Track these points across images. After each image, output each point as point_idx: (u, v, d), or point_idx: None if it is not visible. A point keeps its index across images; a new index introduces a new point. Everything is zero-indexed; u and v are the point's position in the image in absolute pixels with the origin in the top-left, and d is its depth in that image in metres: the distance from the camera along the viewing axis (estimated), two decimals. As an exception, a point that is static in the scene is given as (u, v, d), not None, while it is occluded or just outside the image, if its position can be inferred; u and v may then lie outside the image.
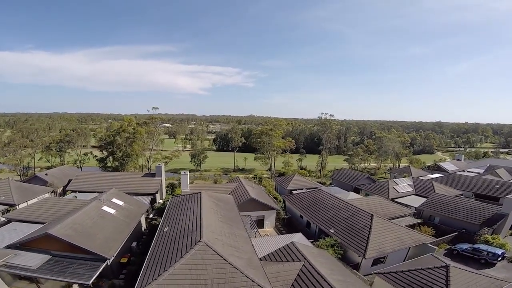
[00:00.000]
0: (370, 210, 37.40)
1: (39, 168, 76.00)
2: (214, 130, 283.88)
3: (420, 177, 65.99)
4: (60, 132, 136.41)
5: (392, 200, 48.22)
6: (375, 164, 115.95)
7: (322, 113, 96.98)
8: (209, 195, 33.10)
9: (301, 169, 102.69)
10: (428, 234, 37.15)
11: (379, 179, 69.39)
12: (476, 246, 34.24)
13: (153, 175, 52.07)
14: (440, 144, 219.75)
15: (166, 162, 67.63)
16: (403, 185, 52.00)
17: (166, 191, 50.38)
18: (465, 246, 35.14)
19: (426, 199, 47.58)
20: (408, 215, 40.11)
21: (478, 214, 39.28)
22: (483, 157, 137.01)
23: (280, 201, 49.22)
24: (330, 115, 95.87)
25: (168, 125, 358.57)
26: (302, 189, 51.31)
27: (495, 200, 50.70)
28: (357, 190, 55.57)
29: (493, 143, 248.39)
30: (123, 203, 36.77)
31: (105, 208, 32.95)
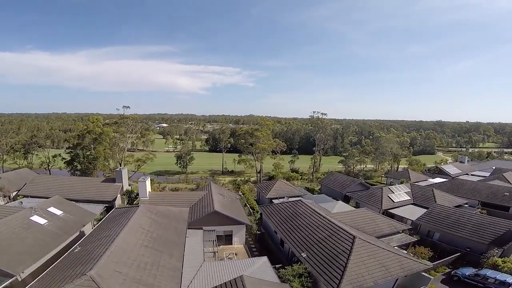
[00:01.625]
0: (356, 227, 31.31)
1: (6, 170, 70.17)
2: (211, 130, 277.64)
3: (420, 182, 59.60)
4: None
5: (386, 211, 41.93)
6: (372, 166, 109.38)
7: (313, 112, 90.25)
8: (148, 209, 27.13)
9: (293, 171, 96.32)
10: (424, 256, 31.00)
11: (374, 184, 62.82)
12: (482, 272, 27.94)
13: (113, 180, 46.15)
14: (441, 144, 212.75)
15: (139, 165, 61.52)
16: (399, 193, 45.55)
17: (124, 199, 44.23)
18: (468, 271, 28.87)
19: (424, 210, 41.35)
20: (402, 232, 33.75)
21: (486, 231, 32.93)
22: (486, 158, 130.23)
23: (257, 212, 43.08)
24: (322, 113, 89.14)
25: (164, 124, 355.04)
26: (283, 198, 45.05)
27: (504, 209, 44.52)
28: (347, 198, 49.16)
29: (496, 143, 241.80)
30: (62, 212, 32.77)
31: (35, 218, 29.09)
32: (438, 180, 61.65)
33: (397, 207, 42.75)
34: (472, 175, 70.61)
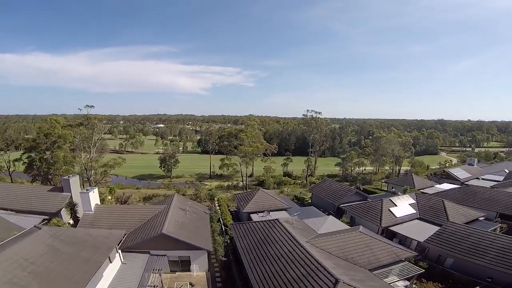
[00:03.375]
0: (345, 257, 23.82)
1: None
2: (203, 131, 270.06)
3: (425, 189, 52.13)
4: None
5: (386, 229, 34.42)
6: (372, 168, 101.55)
7: (307, 111, 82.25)
8: (54, 233, 20.66)
9: (285, 175, 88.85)
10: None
11: (373, 192, 54.80)
12: None
13: (61, 189, 39.07)
14: (443, 143, 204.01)
15: (106, 171, 54.22)
16: (403, 205, 37.91)
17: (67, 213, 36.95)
18: None
19: (433, 226, 33.92)
20: (404, 261, 26.18)
21: (515, 258, 25.37)
22: (494, 158, 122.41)
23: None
24: (316, 112, 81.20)
25: (161, 125, 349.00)
26: (264, 212, 37.53)
27: (529, 225, 36.86)
28: (341, 211, 41.47)
29: (500, 142, 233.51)
30: (-30, 224, 26.38)
31: None
32: (446, 186, 54.01)
33: (400, 223, 35.18)
34: (483, 179, 62.96)
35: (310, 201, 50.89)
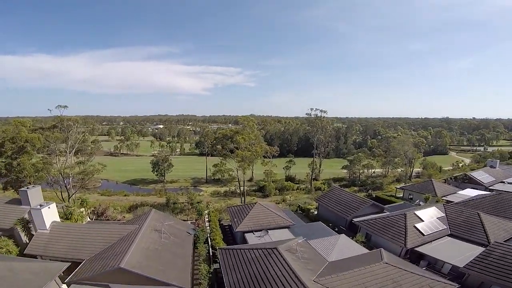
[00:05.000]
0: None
1: None
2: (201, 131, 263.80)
3: (447, 196, 45.37)
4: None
5: (412, 250, 27.77)
6: (380, 170, 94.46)
7: (311, 109, 75.28)
8: None
9: (288, 179, 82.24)
10: None
11: (388, 201, 46.76)
12: None
13: (20, 202, 32.86)
14: (452, 142, 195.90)
15: (83, 178, 47.95)
16: (430, 219, 31.16)
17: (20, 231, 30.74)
18: None
19: (468, 245, 27.48)
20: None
21: None
22: (509, 158, 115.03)
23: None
24: (322, 111, 74.30)
25: (161, 126, 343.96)
26: (261, 231, 30.93)
27: None
28: (354, 226, 34.64)
29: (509, 140, 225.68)
30: None
31: None
32: (470, 192, 47.08)
33: (428, 242, 28.51)
34: (509, 183, 56.01)
35: (316, 213, 44.15)
